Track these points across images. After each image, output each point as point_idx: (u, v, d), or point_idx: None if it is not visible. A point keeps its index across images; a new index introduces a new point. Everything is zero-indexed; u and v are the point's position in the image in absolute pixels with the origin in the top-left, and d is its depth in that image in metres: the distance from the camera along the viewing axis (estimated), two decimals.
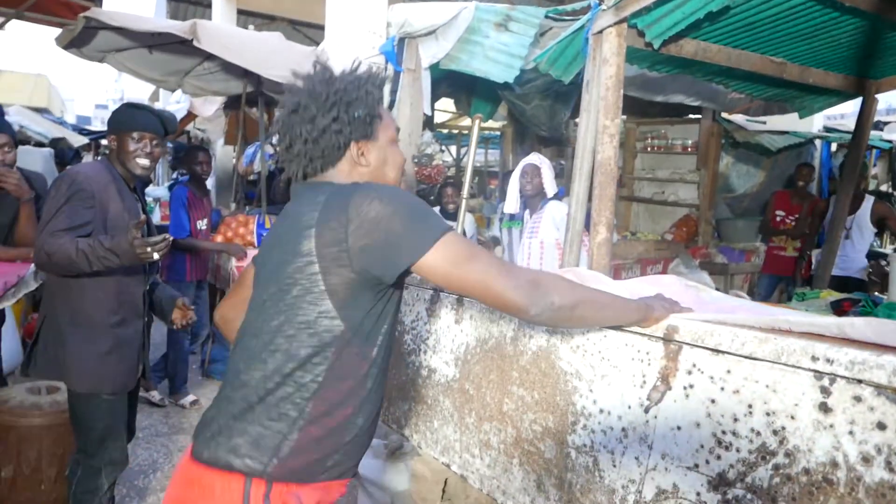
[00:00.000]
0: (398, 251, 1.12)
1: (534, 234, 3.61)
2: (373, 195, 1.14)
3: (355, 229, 1.12)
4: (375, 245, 1.12)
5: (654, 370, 1.35)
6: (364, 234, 1.12)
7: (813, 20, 2.81)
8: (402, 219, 1.12)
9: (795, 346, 1.12)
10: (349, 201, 1.14)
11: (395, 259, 1.12)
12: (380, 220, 1.11)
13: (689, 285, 1.82)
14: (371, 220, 1.11)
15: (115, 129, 2.13)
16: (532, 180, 3.60)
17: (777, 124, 6.91)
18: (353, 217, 1.12)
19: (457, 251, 1.13)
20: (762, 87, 3.86)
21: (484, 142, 10.71)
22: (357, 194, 1.14)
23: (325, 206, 1.16)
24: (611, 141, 2.45)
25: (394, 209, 1.12)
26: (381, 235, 1.11)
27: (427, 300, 2.19)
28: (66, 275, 1.96)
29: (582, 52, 2.76)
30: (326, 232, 1.13)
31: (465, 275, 1.12)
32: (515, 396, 1.73)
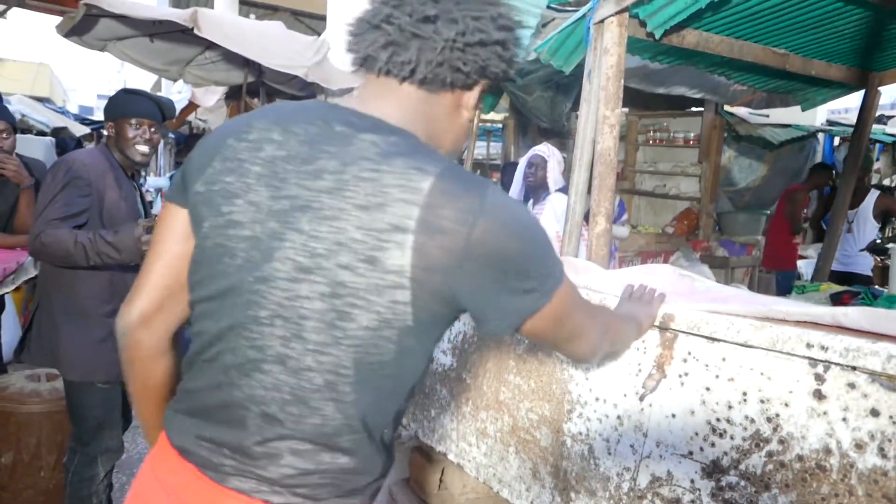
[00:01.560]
0: (510, 301, 0.83)
1: None
2: (506, 210, 0.81)
3: (475, 257, 0.78)
4: (489, 283, 0.81)
5: (649, 358, 1.35)
6: (483, 268, 0.79)
7: (816, 11, 2.79)
8: (533, 259, 0.83)
9: (790, 333, 1.11)
10: (479, 206, 0.78)
11: (502, 308, 0.83)
12: (507, 254, 0.80)
13: (684, 274, 1.83)
14: (497, 251, 0.79)
15: (112, 115, 2.12)
16: (536, 172, 3.58)
17: (780, 117, 6.88)
18: (477, 240, 0.78)
19: (567, 304, 0.90)
20: (764, 78, 3.84)
21: (486, 134, 10.68)
22: (489, 201, 0.79)
23: (433, 199, 0.77)
24: (611, 131, 2.44)
25: (525, 240, 0.82)
26: (500, 275, 0.80)
27: None
28: (60, 265, 1.96)
29: (583, 42, 2.74)
30: (432, 248, 0.77)
31: (560, 331, 0.93)
32: (512, 385, 1.73)
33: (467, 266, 0.78)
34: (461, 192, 0.78)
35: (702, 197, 6.37)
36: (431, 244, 0.76)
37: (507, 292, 0.82)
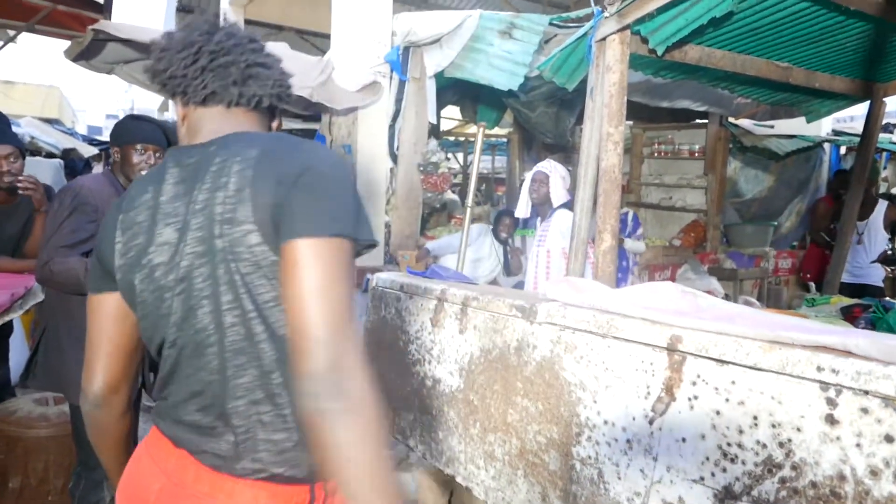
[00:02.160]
0: (294, 217, 0.92)
1: (542, 242, 3.60)
2: (331, 156, 1.04)
3: (289, 187, 0.94)
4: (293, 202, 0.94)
5: (658, 381, 1.34)
6: (293, 194, 0.94)
7: (818, 24, 2.80)
8: (346, 193, 0.96)
9: (800, 356, 1.10)
10: (292, 157, 0.97)
11: (285, 224, 0.92)
12: (328, 178, 0.96)
13: (686, 291, 1.81)
14: (320, 174, 0.96)
15: (118, 141, 2.14)
16: (539, 188, 3.59)
17: (785, 128, 6.87)
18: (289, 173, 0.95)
19: (340, 262, 0.91)
20: (768, 91, 3.85)
21: (491, 148, 10.71)
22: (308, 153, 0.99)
23: (262, 158, 0.97)
24: (615, 148, 2.45)
25: (347, 183, 0.98)
26: (314, 192, 0.94)
27: (431, 310, 2.18)
28: (68, 293, 1.96)
29: (585, 60, 2.76)
30: (260, 193, 0.95)
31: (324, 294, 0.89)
32: (520, 407, 1.71)
33: (282, 192, 0.93)
34: (277, 150, 0.97)
35: (708, 209, 6.35)
36: (260, 191, 0.93)
37: (292, 211, 0.92)
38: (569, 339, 1.59)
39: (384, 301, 2.47)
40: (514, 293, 2.00)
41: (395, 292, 2.41)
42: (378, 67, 4.38)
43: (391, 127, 4.51)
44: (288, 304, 0.91)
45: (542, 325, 1.69)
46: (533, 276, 3.64)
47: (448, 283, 2.23)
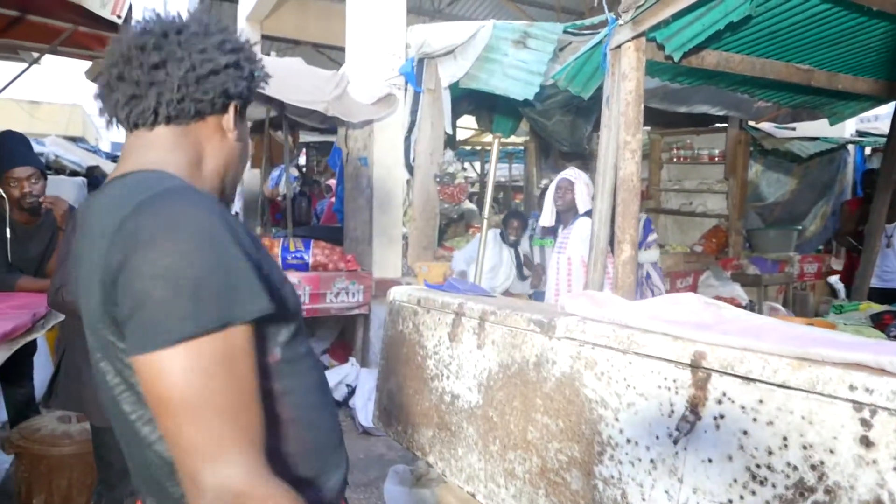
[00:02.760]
0: (136, 329, 0.74)
1: (562, 249, 3.56)
2: (145, 217, 0.76)
3: (108, 277, 0.77)
4: (124, 308, 0.75)
5: (682, 399, 1.30)
6: (122, 289, 0.75)
7: (839, 26, 2.74)
8: (168, 284, 0.72)
9: (831, 374, 1.06)
10: (121, 220, 0.78)
11: (131, 337, 0.75)
12: (131, 270, 0.74)
13: (710, 303, 1.76)
14: (133, 270, 0.74)
15: None
16: (564, 196, 3.53)
17: (807, 130, 6.75)
18: (110, 253, 0.77)
19: (209, 365, 0.72)
20: (789, 94, 3.78)
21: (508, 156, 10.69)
22: (133, 211, 0.77)
23: (117, 234, 0.77)
24: (632, 157, 2.41)
25: (167, 264, 0.72)
26: (132, 298, 0.74)
27: (449, 324, 2.16)
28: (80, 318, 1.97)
29: (601, 68, 2.73)
30: (104, 283, 0.79)
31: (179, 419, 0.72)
32: (540, 424, 1.68)
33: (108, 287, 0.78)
34: (130, 214, 0.77)
35: (730, 214, 6.26)
36: (104, 283, 0.78)
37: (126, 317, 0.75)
38: (588, 355, 1.56)
39: (401, 315, 2.45)
40: (533, 307, 1.97)
41: (412, 306, 2.39)
42: (393, 80, 4.40)
43: (407, 138, 4.51)
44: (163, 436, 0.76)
45: (561, 340, 1.65)
46: (554, 285, 3.60)
47: (465, 297, 2.21)
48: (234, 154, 0.99)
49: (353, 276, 4.23)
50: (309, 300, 4.10)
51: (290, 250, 4.18)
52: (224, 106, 0.94)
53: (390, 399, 2.47)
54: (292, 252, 4.17)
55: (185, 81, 0.88)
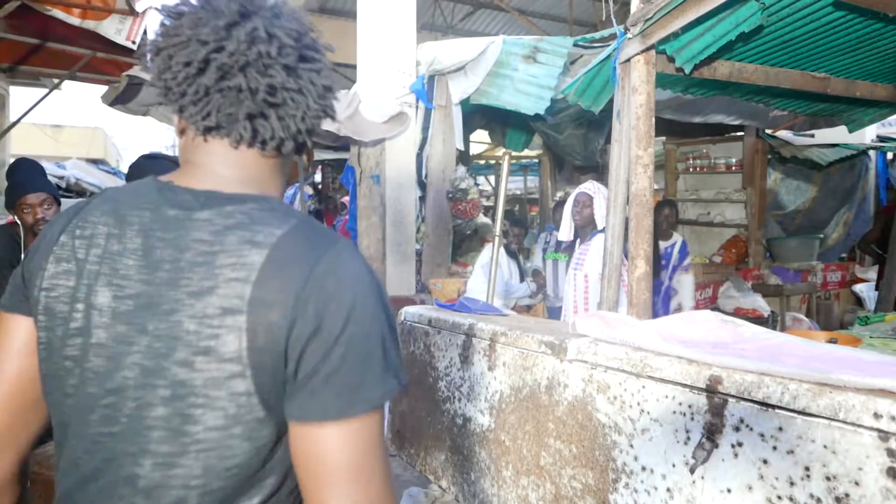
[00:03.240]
0: (321, 393, 0.69)
1: (579, 265, 3.49)
2: (354, 280, 0.71)
3: (312, 333, 0.69)
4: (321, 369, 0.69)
5: (698, 425, 1.25)
6: (319, 349, 0.69)
7: (855, 33, 2.68)
8: (365, 345, 0.70)
9: (854, 401, 1.01)
10: (316, 275, 0.70)
11: (307, 398, 0.70)
12: (348, 335, 0.70)
13: (727, 320, 1.71)
14: (338, 331, 0.69)
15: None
16: (582, 210, 3.40)
17: (826, 137, 6.63)
18: (315, 309, 0.69)
19: (373, 437, 0.71)
20: (806, 103, 3.71)
21: (522, 169, 10.67)
22: (325, 261, 0.71)
23: (265, 272, 0.69)
24: (645, 171, 2.37)
25: (372, 326, 0.71)
26: (333, 361, 0.69)
27: (459, 345, 2.12)
28: None
29: (610, 82, 2.70)
30: (264, 326, 0.69)
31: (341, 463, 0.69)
32: (553, 449, 1.64)
33: (300, 338, 0.69)
34: (293, 259, 0.70)
35: (749, 223, 6.15)
36: (264, 322, 0.68)
37: (318, 379, 0.69)
38: (601, 378, 1.51)
39: (413, 336, 2.43)
40: (544, 328, 1.93)
41: (423, 327, 2.37)
42: (404, 97, 4.41)
43: (419, 155, 4.52)
44: (310, 499, 0.70)
45: (572, 362, 1.61)
46: (572, 301, 3.54)
47: (476, 318, 2.18)
48: (284, 181, 0.91)
49: None
50: None
51: None
52: (305, 146, 0.84)
53: (402, 421, 2.43)
54: None
55: (307, 114, 0.78)
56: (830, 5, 2.38)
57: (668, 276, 4.26)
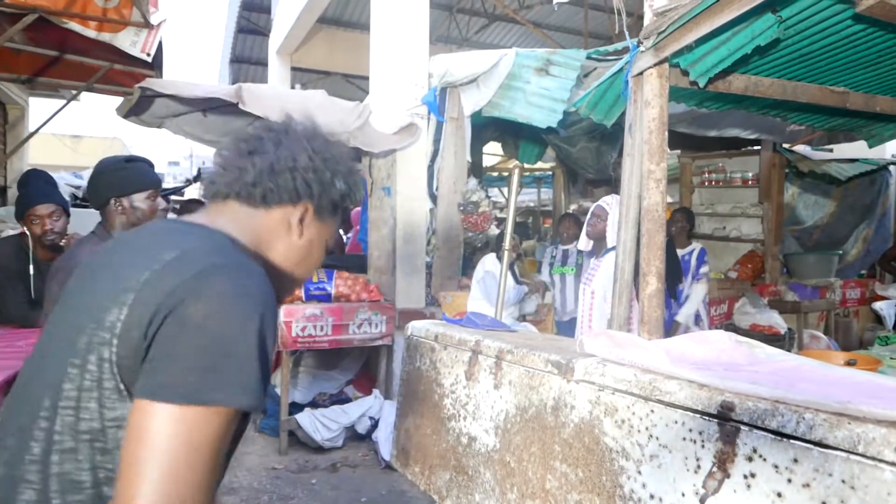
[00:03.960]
0: (159, 373, 0.75)
1: (588, 281, 3.43)
2: (230, 281, 0.80)
3: (170, 324, 0.77)
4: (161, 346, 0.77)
5: (708, 453, 1.20)
6: (170, 337, 0.77)
7: (875, 46, 2.62)
8: (217, 345, 0.76)
9: (874, 433, 0.95)
10: (200, 273, 0.80)
11: (148, 376, 0.76)
12: (197, 326, 0.76)
13: (741, 341, 1.66)
14: (191, 316, 0.77)
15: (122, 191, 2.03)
16: (595, 224, 3.31)
17: (845, 151, 6.53)
18: (180, 307, 0.77)
19: (197, 439, 0.74)
20: (824, 117, 3.64)
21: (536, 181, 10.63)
22: (218, 270, 0.81)
23: (168, 267, 0.81)
24: (657, 186, 2.32)
25: (225, 337, 0.76)
26: (176, 343, 0.76)
27: (465, 362, 2.08)
28: None
29: (623, 95, 2.66)
30: (141, 306, 0.78)
31: (146, 451, 0.73)
32: (559, 473, 1.58)
33: (155, 323, 0.77)
34: (195, 265, 0.81)
35: (765, 238, 6.05)
36: (142, 302, 0.78)
37: (159, 362, 0.76)
38: (608, 401, 1.47)
39: (419, 351, 2.39)
40: (551, 346, 1.88)
41: (429, 342, 2.33)
42: (415, 109, 4.40)
43: (430, 167, 4.50)
44: (120, 470, 0.74)
45: (579, 383, 1.57)
46: (580, 316, 3.49)
47: (483, 334, 2.13)
48: (295, 253, 1.02)
49: (376, 307, 4.19)
50: (332, 331, 4.06)
51: (313, 281, 4.17)
52: (291, 201, 0.99)
53: (408, 438, 2.39)
54: (315, 283, 4.16)
55: (262, 170, 0.96)
56: (850, 18, 2.33)
57: (687, 284, 4.19)
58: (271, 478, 3.70)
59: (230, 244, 0.92)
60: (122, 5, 3.84)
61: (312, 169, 0.99)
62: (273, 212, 0.99)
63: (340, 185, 1.02)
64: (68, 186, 7.80)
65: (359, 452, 4.09)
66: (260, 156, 0.97)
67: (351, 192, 1.05)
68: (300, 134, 1.01)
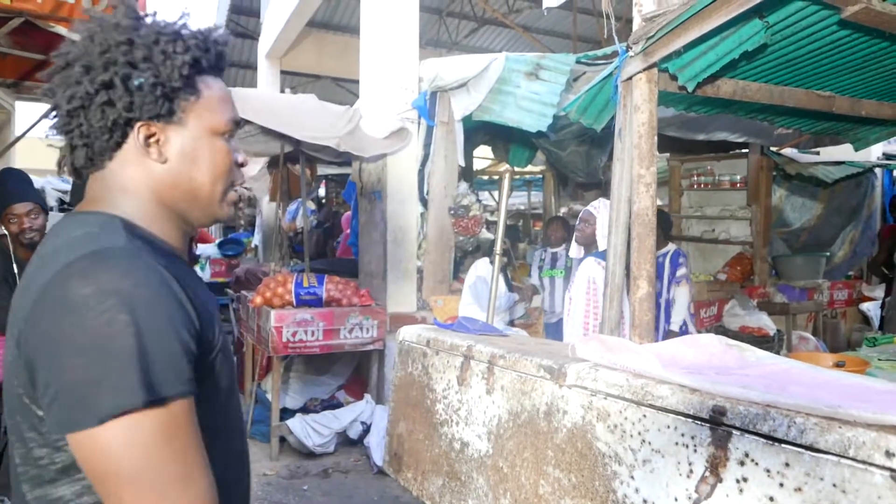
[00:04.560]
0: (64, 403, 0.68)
1: (570, 286, 3.44)
2: (72, 282, 0.69)
3: (25, 341, 0.72)
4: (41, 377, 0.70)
5: (700, 458, 1.20)
6: (31, 355, 0.71)
7: (860, 51, 2.66)
8: (82, 352, 0.67)
9: (865, 437, 0.96)
10: (47, 282, 0.71)
11: (53, 415, 0.69)
12: (52, 340, 0.69)
13: (731, 344, 1.67)
14: (42, 335, 0.69)
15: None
16: (584, 229, 3.31)
17: (832, 154, 6.60)
18: (32, 317, 0.71)
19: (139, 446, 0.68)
20: (810, 121, 3.68)
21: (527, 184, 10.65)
22: (59, 273, 0.71)
23: (37, 277, 0.74)
24: (647, 190, 2.33)
25: (98, 335, 0.67)
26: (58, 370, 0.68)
27: (457, 367, 2.08)
28: None
29: (612, 100, 2.67)
30: (18, 341, 0.74)
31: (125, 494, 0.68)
32: (552, 478, 1.58)
33: (23, 351, 0.72)
34: (58, 277, 0.71)
35: (754, 240, 6.10)
36: (18, 338, 0.73)
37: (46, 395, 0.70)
38: (601, 406, 1.47)
39: (411, 357, 2.38)
40: (543, 350, 1.89)
41: (421, 347, 2.32)
42: (406, 114, 4.40)
43: (420, 172, 4.50)
44: None
45: (571, 388, 1.57)
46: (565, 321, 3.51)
47: (475, 339, 2.13)
48: (169, 178, 0.83)
49: (367, 312, 4.18)
50: (322, 336, 4.05)
51: (304, 286, 4.15)
52: (119, 135, 0.80)
53: (400, 444, 2.38)
54: (306, 288, 4.14)
55: (70, 130, 0.80)
56: (835, 24, 2.35)
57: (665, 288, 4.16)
58: (262, 484, 3.68)
59: (81, 231, 0.77)
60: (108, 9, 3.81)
61: (97, 89, 0.77)
62: (116, 157, 0.82)
63: (138, 75, 0.78)
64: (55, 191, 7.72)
65: (351, 458, 4.07)
66: (60, 92, 0.79)
67: (157, 66, 0.79)
68: (76, 52, 0.79)
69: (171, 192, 0.84)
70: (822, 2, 2.11)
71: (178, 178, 0.84)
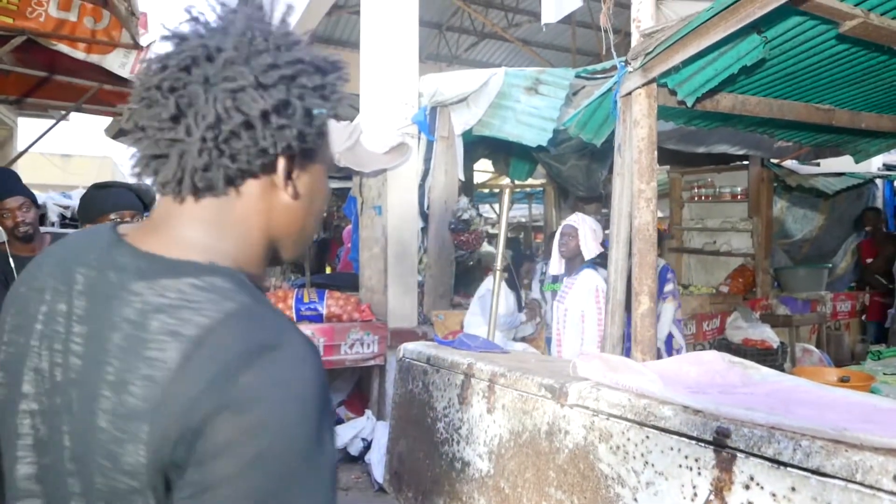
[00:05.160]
0: None
1: (562, 299, 3.44)
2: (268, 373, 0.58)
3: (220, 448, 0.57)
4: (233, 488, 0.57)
5: (705, 481, 1.18)
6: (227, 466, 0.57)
7: (859, 65, 2.66)
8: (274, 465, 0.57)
9: (872, 461, 0.94)
10: (234, 378, 0.58)
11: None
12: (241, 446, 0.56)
13: (734, 362, 1.65)
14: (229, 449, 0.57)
15: (90, 216, 2.03)
16: (567, 243, 3.40)
17: (832, 165, 6.60)
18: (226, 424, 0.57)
19: None
20: (810, 134, 3.68)
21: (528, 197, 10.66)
22: (250, 372, 0.58)
23: (180, 374, 0.58)
24: (647, 205, 2.32)
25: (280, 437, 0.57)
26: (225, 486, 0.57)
27: (458, 385, 2.06)
28: None
29: (611, 115, 2.67)
30: (168, 441, 0.58)
31: None
32: (553, 500, 1.56)
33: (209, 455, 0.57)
34: (217, 361, 0.58)
35: (756, 252, 6.08)
36: (167, 436, 0.57)
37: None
38: (603, 426, 1.45)
39: (411, 374, 2.37)
40: (544, 369, 1.87)
41: (421, 365, 2.31)
42: (406, 129, 4.41)
43: (421, 186, 4.49)
44: None
45: (573, 408, 1.55)
46: (556, 333, 3.50)
47: (475, 356, 2.12)
48: (294, 214, 0.73)
49: (368, 327, 4.16)
50: (323, 352, 4.02)
51: (304, 301, 4.13)
52: (267, 164, 0.68)
53: (400, 462, 2.36)
54: (306, 303, 4.12)
55: (207, 143, 0.64)
56: (834, 38, 2.36)
57: None
58: None
59: (233, 286, 0.64)
60: (111, 27, 3.84)
61: (274, 108, 0.64)
62: (247, 185, 0.69)
63: (318, 105, 0.68)
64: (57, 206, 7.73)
65: (351, 475, 4.03)
66: (193, 117, 0.63)
67: (332, 100, 0.69)
68: (236, 54, 0.64)
69: (286, 228, 0.74)
70: (820, 17, 2.12)
71: (297, 215, 0.74)
